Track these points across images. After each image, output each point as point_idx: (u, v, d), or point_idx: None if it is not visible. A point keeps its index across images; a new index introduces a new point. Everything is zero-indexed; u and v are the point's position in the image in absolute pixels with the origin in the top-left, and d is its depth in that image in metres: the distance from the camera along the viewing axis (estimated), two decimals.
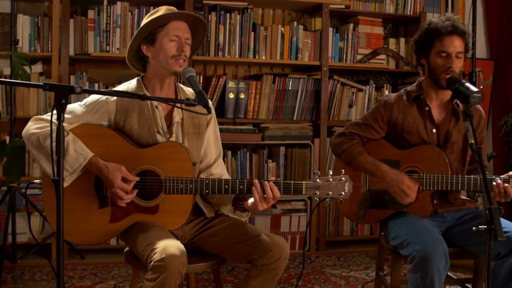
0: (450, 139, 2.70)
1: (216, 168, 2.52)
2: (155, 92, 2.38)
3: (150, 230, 2.15)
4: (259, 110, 4.27)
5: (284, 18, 4.59)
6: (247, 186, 2.20)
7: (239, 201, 2.33)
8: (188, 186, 2.21)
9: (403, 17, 4.67)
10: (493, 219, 2.06)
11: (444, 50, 2.59)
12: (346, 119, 4.51)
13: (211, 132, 2.52)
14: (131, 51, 2.39)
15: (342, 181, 2.21)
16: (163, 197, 2.25)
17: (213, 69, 4.46)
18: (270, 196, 2.17)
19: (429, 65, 2.67)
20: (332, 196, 2.21)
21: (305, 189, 2.21)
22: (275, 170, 4.32)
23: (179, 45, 2.30)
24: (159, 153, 2.26)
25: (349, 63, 4.50)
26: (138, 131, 2.32)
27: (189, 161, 2.25)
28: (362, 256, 4.25)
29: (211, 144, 2.52)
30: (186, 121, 2.40)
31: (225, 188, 2.22)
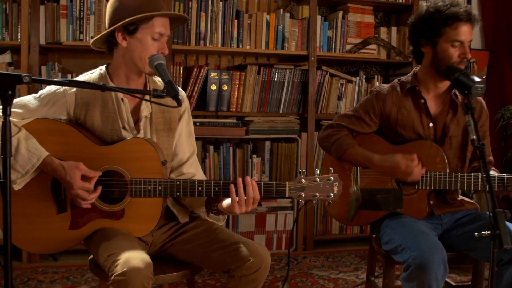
0: (448, 133, 2.48)
1: (189, 167, 2.27)
2: (121, 83, 2.12)
3: (114, 239, 1.91)
4: (243, 103, 4.04)
5: (270, 5, 4.35)
6: (223, 188, 1.97)
7: (212, 202, 2.09)
8: (157, 188, 1.98)
9: (395, 5, 4.44)
10: (498, 224, 1.85)
11: (459, 39, 2.34)
12: (335, 112, 4.30)
13: (183, 127, 2.28)
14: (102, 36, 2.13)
15: (330, 181, 1.98)
16: (129, 201, 2.01)
17: (194, 59, 4.22)
18: (251, 195, 1.94)
19: (435, 54, 2.41)
20: (319, 198, 1.98)
21: (288, 191, 1.98)
22: (260, 166, 4.09)
23: (161, 45, 2.05)
24: (124, 151, 2.02)
25: (338, 53, 4.27)
26: (101, 126, 2.07)
27: (157, 160, 2.01)
28: (351, 256, 4.04)
29: (184, 141, 2.28)
30: (155, 116, 2.16)
31: (198, 190, 1.98)
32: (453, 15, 2.34)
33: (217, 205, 2.08)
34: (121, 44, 2.06)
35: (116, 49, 2.11)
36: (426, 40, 2.45)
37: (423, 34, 2.45)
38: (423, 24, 2.44)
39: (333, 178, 1.98)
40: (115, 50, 2.12)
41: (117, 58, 2.12)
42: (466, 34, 2.35)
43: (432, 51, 2.43)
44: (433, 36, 2.40)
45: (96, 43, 2.15)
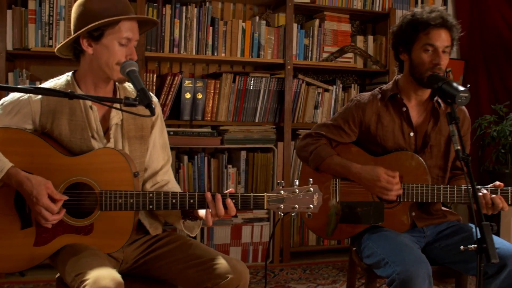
0: (429, 142, 2.43)
1: (163, 175, 2.17)
2: (89, 90, 2.01)
3: (82, 256, 1.79)
4: (218, 112, 3.94)
5: (245, 12, 4.27)
6: (199, 200, 1.87)
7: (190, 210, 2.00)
8: (128, 201, 1.86)
9: (371, 13, 4.40)
10: (485, 237, 1.78)
11: (431, 43, 2.30)
12: (312, 121, 4.23)
13: (157, 134, 2.17)
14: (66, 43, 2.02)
15: (310, 192, 1.90)
16: (99, 215, 1.89)
17: (168, 66, 4.11)
18: (221, 214, 1.86)
19: (411, 61, 2.38)
20: (298, 210, 1.90)
21: (267, 202, 1.89)
22: (235, 176, 3.99)
23: (129, 51, 1.95)
24: (94, 162, 1.90)
25: (314, 61, 4.21)
26: (69, 136, 1.96)
27: (129, 171, 1.90)
28: (329, 268, 3.96)
29: (158, 149, 2.17)
30: (126, 123, 2.05)
31: (173, 202, 1.88)
32: (425, 21, 2.32)
33: (193, 211, 2.00)
34: (87, 51, 1.96)
35: (83, 56, 2.01)
36: (402, 48, 2.43)
37: (400, 42, 2.43)
38: (400, 31, 2.43)
39: (313, 189, 1.90)
40: (81, 57, 2.02)
41: (84, 65, 2.02)
42: (439, 39, 2.31)
43: (408, 58, 2.41)
44: (408, 43, 2.38)
45: (62, 51, 2.05)
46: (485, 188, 2.24)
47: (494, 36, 4.65)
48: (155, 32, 3.76)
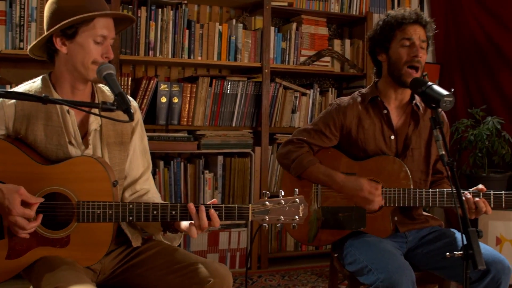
0: (410, 146, 2.41)
1: (143, 183, 2.10)
2: (66, 93, 1.93)
3: (58, 270, 1.70)
4: (194, 116, 3.87)
5: (222, 15, 4.22)
6: (181, 212, 1.81)
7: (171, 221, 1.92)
8: (107, 213, 1.79)
9: (348, 17, 4.39)
10: (471, 244, 1.76)
11: (407, 38, 2.33)
12: (289, 125, 4.20)
13: (137, 141, 2.10)
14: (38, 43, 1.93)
15: (295, 203, 1.84)
16: (76, 226, 1.80)
17: (143, 70, 4.02)
18: (205, 226, 1.80)
19: (389, 60, 2.39)
20: (284, 221, 1.84)
21: (251, 214, 1.83)
22: (212, 182, 3.93)
23: (105, 49, 1.88)
24: (71, 171, 1.82)
25: (292, 65, 4.17)
26: (45, 142, 1.87)
27: (107, 180, 1.82)
28: (307, 274, 3.92)
29: (138, 156, 2.10)
30: (106, 128, 1.98)
31: (153, 214, 1.80)
32: (400, 18, 2.36)
33: (174, 223, 1.93)
34: (61, 51, 1.88)
35: (57, 56, 1.92)
36: (380, 48, 2.44)
37: (377, 43, 2.45)
38: (376, 34, 2.45)
39: (298, 200, 1.85)
40: (56, 57, 1.93)
41: (59, 66, 1.93)
42: (414, 33, 2.34)
43: (386, 57, 2.41)
44: (385, 42, 2.40)
45: (34, 51, 1.96)
46: (468, 191, 2.22)
47: (469, 41, 4.68)
48: (130, 35, 3.68)
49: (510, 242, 3.69)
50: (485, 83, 4.56)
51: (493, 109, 4.37)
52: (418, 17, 2.35)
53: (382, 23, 2.41)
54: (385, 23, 2.39)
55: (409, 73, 2.30)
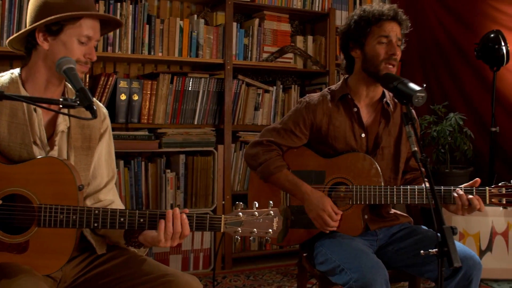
0: (380, 144, 2.37)
1: (107, 193, 1.98)
2: (38, 90, 1.82)
3: (14, 278, 1.58)
4: (155, 114, 3.76)
5: (183, 10, 4.12)
6: (150, 220, 1.71)
7: (133, 233, 1.82)
8: (71, 218, 1.67)
9: (311, 13, 4.35)
10: (447, 241, 1.73)
11: (385, 35, 2.28)
12: (252, 122, 4.14)
13: (104, 147, 1.99)
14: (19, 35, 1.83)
15: (270, 216, 1.77)
16: (36, 231, 1.68)
17: (101, 66, 3.88)
18: (178, 231, 1.70)
19: (364, 56, 2.33)
20: (257, 234, 1.77)
21: (224, 226, 1.75)
22: (174, 181, 3.83)
23: (88, 50, 1.79)
24: (34, 172, 1.70)
25: (254, 61, 4.11)
26: (8, 139, 1.75)
27: (73, 183, 1.71)
28: (272, 274, 3.86)
29: (103, 163, 1.98)
30: (73, 131, 1.86)
31: (120, 221, 1.70)
32: (377, 14, 2.31)
33: (138, 237, 1.81)
34: (41, 46, 1.78)
35: (36, 51, 1.82)
36: (354, 43, 2.38)
37: (351, 37, 2.39)
38: (350, 28, 2.38)
39: (273, 212, 1.78)
40: (34, 52, 1.82)
41: (36, 62, 1.82)
42: (392, 30, 2.31)
43: (361, 53, 2.36)
44: (360, 37, 2.34)
45: (14, 44, 1.86)
46: (459, 188, 2.18)
47: (430, 38, 4.72)
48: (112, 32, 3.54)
49: (472, 237, 3.73)
50: (445, 80, 4.61)
51: (454, 105, 4.42)
52: (396, 14, 2.32)
53: (357, 18, 2.35)
54: (361, 18, 2.33)
55: (387, 68, 2.26)
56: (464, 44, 4.47)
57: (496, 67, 4.02)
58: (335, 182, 2.34)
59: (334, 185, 2.33)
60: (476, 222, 3.70)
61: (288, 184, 2.33)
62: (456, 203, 2.13)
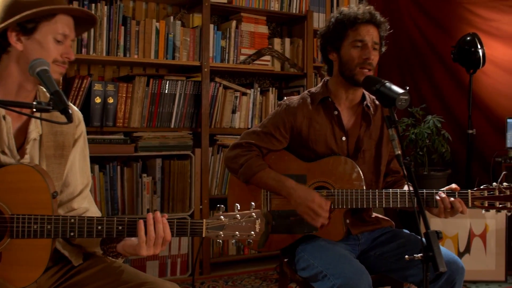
0: (362, 147, 2.34)
1: (81, 201, 1.89)
2: (9, 94, 1.71)
3: None
4: (130, 117, 3.69)
5: (159, 12, 4.05)
6: (129, 227, 1.64)
7: (110, 243, 1.75)
8: (45, 227, 1.59)
9: (288, 15, 4.32)
10: (432, 245, 1.70)
11: (359, 39, 2.25)
12: (230, 125, 4.09)
13: (78, 153, 1.89)
14: None
15: (252, 218, 1.72)
16: (8, 243, 1.60)
17: (75, 69, 3.79)
18: (161, 235, 1.64)
19: (340, 60, 2.31)
20: (239, 238, 1.72)
21: (205, 230, 1.69)
22: (151, 186, 3.76)
23: (65, 49, 1.70)
24: (4, 180, 1.62)
25: (232, 64, 4.06)
26: None
27: (47, 192, 1.63)
28: (251, 278, 3.82)
29: (77, 170, 1.89)
30: (46, 139, 1.77)
31: (98, 229, 1.63)
32: (353, 17, 2.27)
33: (116, 246, 1.74)
34: (14, 47, 1.67)
35: (7, 53, 1.70)
36: (331, 47, 2.35)
37: (328, 40, 2.36)
38: (328, 31, 2.36)
39: (255, 214, 1.73)
40: (4, 54, 1.71)
41: (7, 65, 1.70)
42: (367, 33, 2.27)
43: (337, 57, 2.33)
44: (337, 41, 2.31)
45: None
46: (441, 191, 2.17)
47: (407, 41, 4.73)
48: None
49: (451, 239, 3.73)
50: (422, 82, 4.63)
51: (432, 108, 4.43)
52: (371, 17, 2.28)
53: (334, 20, 2.32)
54: (337, 22, 2.30)
55: (362, 73, 2.23)
56: (440, 47, 4.49)
57: (473, 70, 4.05)
58: (316, 186, 2.30)
59: (315, 189, 2.29)
60: (454, 224, 3.71)
61: (272, 181, 2.28)
62: (439, 206, 2.12)
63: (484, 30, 4.24)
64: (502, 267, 3.69)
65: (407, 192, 2.19)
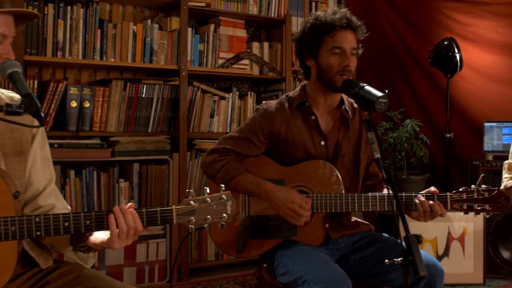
0: (340, 151, 2.33)
1: (47, 197, 1.83)
2: None
3: None
4: (107, 121, 3.64)
5: (136, 15, 4.00)
6: (97, 221, 1.60)
7: (80, 238, 1.70)
8: (9, 229, 1.54)
9: (267, 19, 4.31)
10: (412, 250, 1.69)
11: (338, 46, 2.22)
12: (208, 130, 4.05)
13: (38, 149, 1.83)
14: None
15: (222, 200, 1.70)
16: None
17: (50, 72, 3.73)
18: (132, 226, 1.60)
19: (318, 66, 2.27)
20: (212, 221, 1.69)
21: (176, 216, 1.65)
22: (128, 191, 3.70)
23: (5, 49, 1.64)
24: None
25: (210, 68, 4.03)
26: None
27: (7, 192, 1.57)
28: (230, 284, 3.78)
29: (39, 166, 1.83)
30: (2, 137, 1.71)
31: (65, 226, 1.58)
32: (329, 23, 2.23)
33: (87, 241, 1.69)
34: None
35: None
36: (308, 53, 2.31)
37: (305, 47, 2.32)
38: (304, 36, 2.31)
39: (225, 196, 1.71)
40: None
41: None
42: (345, 40, 2.24)
43: (315, 63, 2.30)
44: (314, 48, 2.27)
45: None
46: (420, 194, 2.16)
47: (385, 45, 4.75)
48: (35, 34, 3.38)
49: (429, 243, 3.74)
50: (400, 86, 4.65)
51: (410, 112, 4.45)
52: (348, 22, 2.24)
53: (310, 26, 2.28)
54: (314, 28, 2.26)
55: (342, 79, 2.21)
56: (418, 51, 4.52)
57: (450, 74, 4.08)
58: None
59: None
60: (433, 227, 3.72)
61: (251, 185, 2.26)
62: (418, 210, 2.11)
63: (461, 35, 4.28)
64: (480, 270, 3.71)
65: (386, 196, 2.19)
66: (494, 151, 4.07)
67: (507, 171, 2.69)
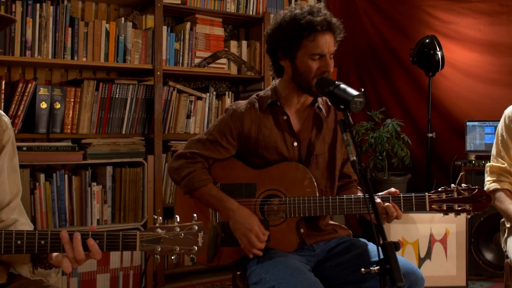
0: (314, 152, 2.22)
1: (10, 212, 1.71)
2: None
3: None
4: (79, 123, 3.51)
5: (109, 13, 3.88)
6: (52, 241, 1.49)
7: (41, 254, 1.59)
8: None
9: (245, 17, 4.20)
10: (389, 258, 1.59)
11: (318, 53, 2.09)
12: (184, 131, 3.94)
13: (5, 161, 1.72)
14: None
15: (193, 231, 1.56)
16: None
17: (20, 72, 3.59)
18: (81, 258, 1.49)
19: (294, 68, 2.14)
20: (179, 252, 1.56)
21: (139, 243, 1.53)
22: (101, 195, 3.58)
23: None
24: None
25: (186, 67, 3.91)
26: None
27: None
28: None
29: (4, 180, 1.71)
30: None
31: (17, 244, 1.47)
32: (309, 26, 2.06)
33: (47, 256, 1.59)
34: None
35: None
36: (283, 54, 2.16)
37: (279, 47, 2.17)
38: (279, 35, 2.15)
39: (197, 227, 1.57)
40: None
41: None
42: (326, 45, 2.10)
43: (291, 65, 2.16)
44: (290, 49, 2.12)
45: None
46: (377, 196, 2.07)
47: (365, 43, 4.67)
48: (3, 32, 3.25)
49: (411, 245, 3.66)
50: (381, 85, 4.57)
51: (391, 111, 4.38)
52: (329, 25, 2.10)
53: (286, 26, 2.11)
54: (291, 29, 2.09)
55: None
56: (399, 50, 4.45)
57: (432, 73, 4.01)
58: (267, 195, 2.17)
59: (266, 197, 2.17)
60: (414, 229, 3.64)
61: (213, 199, 2.16)
62: None
63: (442, 33, 4.21)
64: (463, 272, 3.63)
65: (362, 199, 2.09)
66: (477, 150, 4.00)
67: (489, 174, 2.60)
